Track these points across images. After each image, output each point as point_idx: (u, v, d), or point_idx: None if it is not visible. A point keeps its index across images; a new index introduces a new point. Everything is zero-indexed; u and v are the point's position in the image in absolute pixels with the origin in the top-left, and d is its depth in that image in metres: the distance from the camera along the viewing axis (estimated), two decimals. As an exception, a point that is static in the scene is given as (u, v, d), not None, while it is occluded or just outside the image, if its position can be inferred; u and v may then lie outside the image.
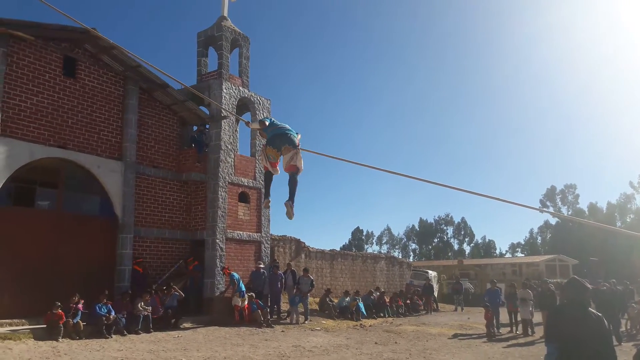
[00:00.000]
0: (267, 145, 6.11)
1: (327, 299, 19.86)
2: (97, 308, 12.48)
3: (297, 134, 6.15)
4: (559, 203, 72.62)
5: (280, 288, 17.87)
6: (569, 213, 69.54)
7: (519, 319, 17.31)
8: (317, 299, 20.87)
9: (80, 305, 12.49)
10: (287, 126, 6.17)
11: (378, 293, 22.66)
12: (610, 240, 54.67)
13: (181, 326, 14.49)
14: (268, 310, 16.86)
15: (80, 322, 12.13)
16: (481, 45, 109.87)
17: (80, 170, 14.46)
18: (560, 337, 4.50)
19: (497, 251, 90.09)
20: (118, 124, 15.43)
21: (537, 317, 17.52)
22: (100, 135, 14.97)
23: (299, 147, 5.94)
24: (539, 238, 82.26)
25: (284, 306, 18.34)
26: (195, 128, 17.96)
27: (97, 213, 15.09)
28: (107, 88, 15.29)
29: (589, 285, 4.94)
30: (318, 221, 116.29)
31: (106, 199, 14.99)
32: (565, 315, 4.68)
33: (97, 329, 12.26)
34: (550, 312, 5.49)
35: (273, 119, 6.47)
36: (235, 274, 16.32)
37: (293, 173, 5.97)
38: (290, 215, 5.86)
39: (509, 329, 17.36)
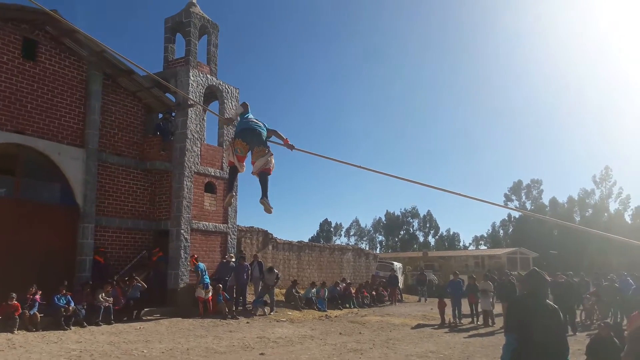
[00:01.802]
0: (236, 137, 5.79)
1: (294, 290, 19.87)
2: (56, 299, 12.18)
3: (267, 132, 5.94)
4: (524, 197, 74.33)
5: (246, 279, 17.76)
6: (532, 207, 71.28)
7: (479, 310, 17.69)
8: (284, 290, 20.87)
9: (37, 297, 12.17)
10: (262, 124, 5.88)
11: (344, 284, 22.81)
12: (569, 234, 56.35)
13: (143, 318, 14.28)
14: (233, 301, 16.77)
15: (37, 313, 11.82)
16: (455, 42, 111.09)
17: (39, 157, 14.02)
18: (518, 328, 4.59)
19: (461, 244, 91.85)
20: (80, 110, 15.00)
21: (498, 308, 17.92)
22: (62, 121, 14.53)
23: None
24: (501, 231, 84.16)
25: (250, 297, 18.26)
26: (160, 116, 17.63)
27: (57, 201, 14.68)
28: (69, 73, 14.84)
29: (548, 278, 5.06)
30: (287, 213, 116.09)
31: (67, 186, 14.59)
32: (525, 306, 4.78)
33: (55, 320, 11.98)
34: (510, 303, 5.60)
35: (250, 114, 6.17)
36: (201, 264, 16.13)
37: (265, 174, 5.80)
38: (268, 210, 5.86)
39: (470, 319, 17.71)
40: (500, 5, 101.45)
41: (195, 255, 16.36)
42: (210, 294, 15.93)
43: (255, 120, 5.91)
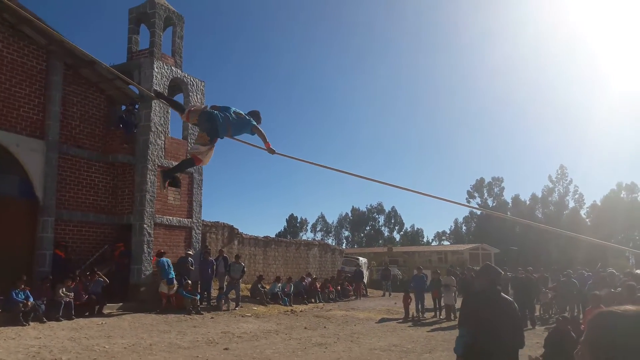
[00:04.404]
0: (199, 116, 5.57)
1: (259, 285, 19.82)
2: (14, 294, 11.82)
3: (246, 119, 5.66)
4: (486, 194, 75.79)
5: (211, 274, 17.63)
6: (494, 204, 72.79)
7: (442, 304, 18.00)
8: (249, 286, 20.80)
9: (-6, 291, 11.80)
10: (233, 120, 5.53)
11: (309, 279, 22.90)
12: (529, 231, 57.82)
13: (105, 313, 14.01)
14: (198, 297, 16.61)
15: (-6, 308, 11.47)
16: (423, 43, 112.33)
17: (-4, 148, 13.59)
18: (472, 321, 4.71)
19: (425, 239, 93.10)
20: (40, 101, 14.58)
21: (460, 303, 18.26)
22: (20, 111, 14.10)
23: (213, 145, 5.55)
24: (464, 227, 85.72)
25: (215, 293, 18.13)
26: (123, 108, 17.28)
27: (15, 194, 14.24)
28: (28, 62, 14.39)
29: (502, 271, 5.20)
30: (253, 208, 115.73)
31: (26, 179, 14.18)
32: (478, 300, 4.90)
33: (13, 316, 11.61)
34: (464, 298, 5.72)
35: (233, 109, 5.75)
36: (163, 259, 15.84)
37: (192, 160, 5.71)
38: (161, 187, 6.00)
39: (433, 313, 18.01)
40: (470, 7, 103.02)
41: (154, 254, 16.04)
42: (174, 289, 15.71)
43: (229, 112, 5.58)
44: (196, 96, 18.31)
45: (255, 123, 5.77)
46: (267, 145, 5.65)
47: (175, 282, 15.76)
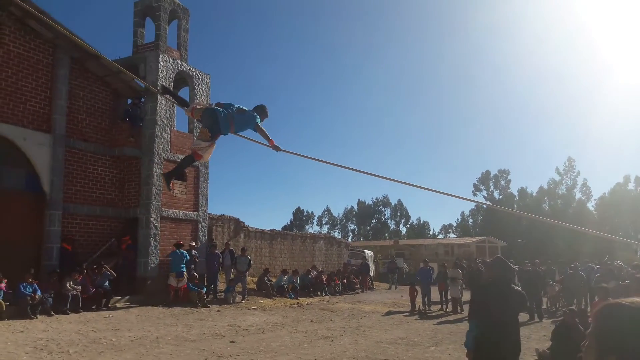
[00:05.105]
0: (202, 113, 5.71)
1: (265, 279, 19.87)
2: (22, 287, 11.91)
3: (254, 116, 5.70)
4: (492, 187, 75.40)
5: (217, 267, 17.69)
6: (500, 197, 72.43)
7: (449, 297, 17.98)
8: (255, 279, 20.85)
9: (2, 285, 11.88)
10: (234, 110, 5.62)
11: (316, 272, 22.92)
12: (536, 223, 57.55)
13: (112, 306, 14.09)
14: (204, 290, 16.67)
15: (2, 302, 11.54)
16: (428, 36, 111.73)
17: (4, 142, 13.62)
18: (481, 314, 4.69)
19: (431, 232, 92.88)
20: (47, 95, 14.61)
21: (467, 296, 18.25)
22: (27, 105, 14.13)
23: (214, 142, 5.64)
24: (471, 220, 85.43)
25: (222, 286, 18.19)
26: (129, 101, 17.29)
27: (22, 188, 14.31)
28: (34, 55, 14.41)
29: (515, 266, 5.18)
30: (259, 201, 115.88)
31: (33, 173, 14.24)
32: (487, 293, 4.87)
33: (21, 309, 11.71)
34: (473, 291, 5.69)
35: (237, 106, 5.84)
36: (177, 251, 15.87)
37: (192, 157, 5.78)
38: (167, 188, 6.06)
39: (439, 306, 17.99)
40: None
41: (180, 242, 16.12)
42: (183, 282, 15.76)
43: (232, 109, 5.65)
44: (202, 89, 18.29)
45: (258, 121, 5.77)
46: (270, 143, 5.66)
47: (185, 275, 15.81)
